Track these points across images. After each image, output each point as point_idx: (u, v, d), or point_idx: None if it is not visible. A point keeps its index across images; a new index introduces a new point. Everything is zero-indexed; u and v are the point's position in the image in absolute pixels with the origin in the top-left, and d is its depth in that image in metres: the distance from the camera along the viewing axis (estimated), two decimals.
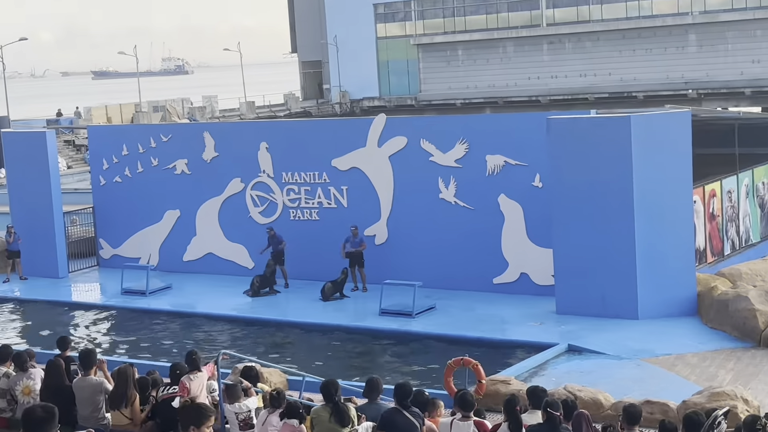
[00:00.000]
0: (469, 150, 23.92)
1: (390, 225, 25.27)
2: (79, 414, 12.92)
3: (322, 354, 20.85)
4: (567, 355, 19.07)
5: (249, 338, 22.23)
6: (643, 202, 20.81)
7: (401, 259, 24.93)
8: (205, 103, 75.31)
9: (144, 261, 28.28)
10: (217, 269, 27.59)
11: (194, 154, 27.80)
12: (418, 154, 24.59)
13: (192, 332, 22.90)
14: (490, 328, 21.03)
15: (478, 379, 15.81)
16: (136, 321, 24.11)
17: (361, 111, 73.67)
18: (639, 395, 15.63)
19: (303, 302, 24.32)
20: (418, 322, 21.91)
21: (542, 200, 22.64)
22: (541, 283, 23.18)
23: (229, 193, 27.46)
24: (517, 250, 23.56)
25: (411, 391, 10.34)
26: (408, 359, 20.19)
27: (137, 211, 28.79)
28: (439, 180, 24.36)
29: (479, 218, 23.94)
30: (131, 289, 26.10)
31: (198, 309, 24.46)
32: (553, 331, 20.48)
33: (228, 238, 27.66)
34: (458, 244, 24.28)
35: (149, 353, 21.32)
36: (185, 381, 12.43)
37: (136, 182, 28.77)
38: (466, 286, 24.01)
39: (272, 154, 26.69)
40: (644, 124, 21.08)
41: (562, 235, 21.45)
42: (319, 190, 26.14)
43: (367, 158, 25.33)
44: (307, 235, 26.19)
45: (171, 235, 28.47)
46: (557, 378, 17.37)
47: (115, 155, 29.08)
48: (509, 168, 23.48)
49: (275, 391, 12.15)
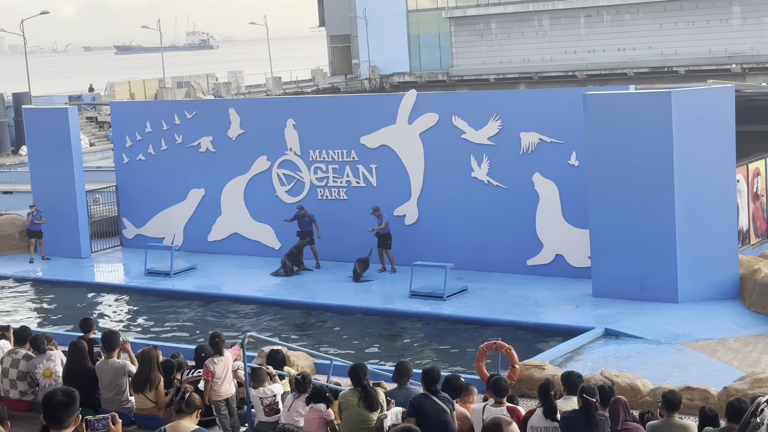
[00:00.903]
0: (503, 127, 23.82)
1: (420, 205, 25.24)
2: (102, 397, 13.05)
3: (350, 337, 20.89)
4: (604, 340, 19.01)
5: (276, 321, 22.30)
6: (684, 181, 20.64)
7: (432, 240, 24.90)
8: (231, 78, 75.52)
9: (168, 241, 28.43)
10: (242, 250, 27.69)
11: (219, 132, 27.86)
12: (449, 132, 24.53)
13: (217, 314, 23.01)
14: (523, 312, 21.00)
15: (511, 364, 15.79)
16: (160, 303, 24.26)
17: (390, 87, 73.55)
18: (678, 381, 15.57)
19: (331, 284, 24.39)
20: (450, 305, 21.90)
21: (578, 179, 22.52)
22: (577, 265, 23.10)
23: (255, 172, 27.52)
24: (552, 231, 23.47)
25: (439, 375, 10.34)
26: (439, 343, 20.21)
27: (161, 190, 28.92)
28: (471, 158, 24.29)
29: (513, 198, 23.86)
30: (155, 270, 26.26)
31: (223, 290, 24.57)
32: (589, 315, 20.41)
33: (254, 217, 27.72)
34: (491, 225, 24.22)
35: (173, 336, 21.46)
36: (209, 364, 12.52)
37: (160, 160, 28.89)
38: (499, 268, 23.97)
39: (299, 131, 26.70)
40: (685, 100, 20.88)
41: (599, 215, 21.34)
42: (347, 168, 26.15)
43: (397, 136, 25.29)
44: (335, 215, 26.21)
45: (195, 214, 28.57)
46: (593, 363, 17.33)
47: (138, 132, 29.21)
48: (544, 146, 23.36)
49: (300, 376, 12.19)
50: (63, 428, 6.92)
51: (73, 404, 6.98)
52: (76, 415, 7.01)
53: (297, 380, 12.07)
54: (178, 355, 14.23)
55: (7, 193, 41.60)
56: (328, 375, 15.07)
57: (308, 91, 70.73)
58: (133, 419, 12.82)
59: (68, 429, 6.96)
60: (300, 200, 26.67)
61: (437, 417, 9.76)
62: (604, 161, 21.08)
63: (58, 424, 6.91)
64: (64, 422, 6.93)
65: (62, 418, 6.92)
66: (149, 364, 12.77)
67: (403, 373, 11.19)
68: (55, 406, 6.94)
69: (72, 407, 6.97)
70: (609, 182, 21.06)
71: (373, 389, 10.92)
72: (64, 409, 6.94)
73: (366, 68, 76.23)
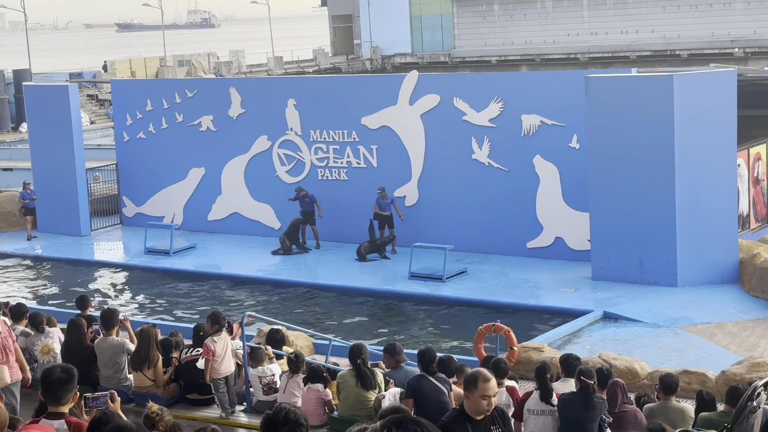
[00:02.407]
0: (504, 109, 23.79)
1: (421, 186, 25.25)
2: (101, 374, 13.09)
3: (350, 318, 20.96)
4: (602, 323, 19.07)
5: (275, 301, 22.36)
6: (685, 164, 20.62)
7: (432, 222, 24.92)
8: (232, 57, 75.30)
9: (168, 220, 28.43)
10: (242, 229, 27.73)
11: (220, 111, 27.85)
12: (450, 113, 24.51)
13: (216, 293, 23.07)
14: (523, 294, 21.05)
15: (509, 346, 15.83)
16: (160, 281, 24.30)
17: (392, 67, 73.34)
18: (676, 365, 15.60)
19: (331, 264, 24.42)
20: (449, 286, 21.93)
21: (579, 162, 22.51)
22: (577, 248, 23.13)
23: (256, 152, 27.51)
24: (552, 214, 23.49)
25: (435, 356, 10.36)
26: (438, 325, 20.26)
27: (161, 169, 28.93)
28: (472, 140, 24.27)
29: (513, 180, 23.87)
30: (155, 249, 26.30)
31: (223, 270, 24.63)
32: (588, 298, 20.46)
33: (254, 197, 27.74)
34: (491, 207, 24.23)
35: (172, 314, 21.51)
36: (209, 343, 12.54)
37: (161, 139, 28.88)
38: (498, 250, 24.00)
39: (300, 111, 26.67)
40: (688, 84, 20.85)
41: (600, 198, 21.34)
42: (348, 149, 26.14)
43: (398, 117, 25.28)
44: (335, 195, 26.21)
45: (195, 193, 28.59)
46: (591, 346, 17.39)
47: (139, 110, 29.19)
48: (545, 128, 23.34)
49: (293, 354, 12.21)
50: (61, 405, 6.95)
51: (72, 381, 7.01)
52: (75, 392, 7.03)
53: (290, 359, 12.10)
54: (177, 334, 14.27)
55: (7, 170, 41.58)
56: (327, 355, 15.10)
57: (310, 71, 70.55)
58: (131, 397, 12.87)
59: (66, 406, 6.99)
60: (300, 181, 26.67)
61: (435, 398, 9.79)
62: (605, 144, 21.06)
63: (57, 401, 6.94)
64: (62, 399, 6.95)
65: (60, 395, 6.94)
66: (148, 342, 12.81)
67: (391, 352, 11.22)
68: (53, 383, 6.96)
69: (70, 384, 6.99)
70: (609, 165, 21.05)
71: (368, 368, 10.94)
72: (63, 385, 6.97)
73: (368, 49, 76.00)
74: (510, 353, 15.70)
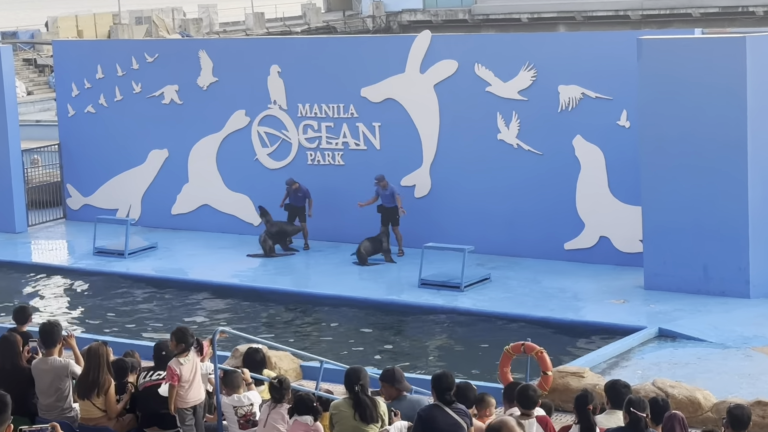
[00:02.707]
0: (537, 78, 23.86)
1: (434, 173, 25.32)
2: (40, 403, 13.07)
3: (346, 335, 21.05)
4: (657, 342, 19.14)
5: (254, 313, 22.45)
6: (760, 147, 20.66)
7: (448, 217, 25.00)
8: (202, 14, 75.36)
9: (123, 213, 28.50)
10: (214, 225, 27.81)
11: (187, 79, 27.88)
12: (471, 83, 24.56)
13: (182, 304, 23.14)
14: (559, 306, 21.13)
15: (542, 370, 15.88)
16: (112, 289, 24.34)
17: (399, 27, 73.48)
18: (748, 394, 15.63)
19: (323, 269, 24.53)
20: (468, 296, 22.02)
21: (629, 144, 22.55)
22: (626, 250, 23.20)
23: (231, 130, 27.58)
24: (595, 208, 23.56)
25: (453, 383, 10.38)
26: (454, 344, 20.36)
27: (114, 151, 28.96)
28: (497, 116, 24.33)
29: (548, 166, 23.93)
30: (106, 249, 26.33)
31: (190, 275, 24.73)
32: (639, 312, 20.54)
33: (228, 186, 27.83)
34: (521, 199, 24.30)
35: (128, 330, 21.57)
36: (174, 365, 12.52)
37: (114, 113, 28.90)
38: (529, 252, 24.09)
39: (286, 80, 26.73)
40: (763, 48, 20.88)
41: (655, 188, 21.38)
42: (344, 127, 26.20)
43: (406, 87, 25.32)
44: (328, 184, 26.29)
45: (157, 181, 28.66)
46: (644, 371, 17.48)
47: (87, 79, 29.20)
48: (588, 102, 23.40)
49: (277, 380, 12.25)
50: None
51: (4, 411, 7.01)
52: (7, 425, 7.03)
53: (272, 385, 12.14)
54: (133, 354, 14.27)
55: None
56: (318, 380, 15.16)
57: (297, 31, 70.68)
58: (77, 430, 12.86)
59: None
60: (285, 166, 26.75)
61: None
62: (662, 122, 21.09)
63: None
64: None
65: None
66: (97, 363, 12.80)
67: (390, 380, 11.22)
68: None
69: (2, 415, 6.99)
70: (667, 147, 21.08)
71: (369, 397, 10.96)
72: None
73: (369, 4, 76.09)
74: (543, 379, 15.75)
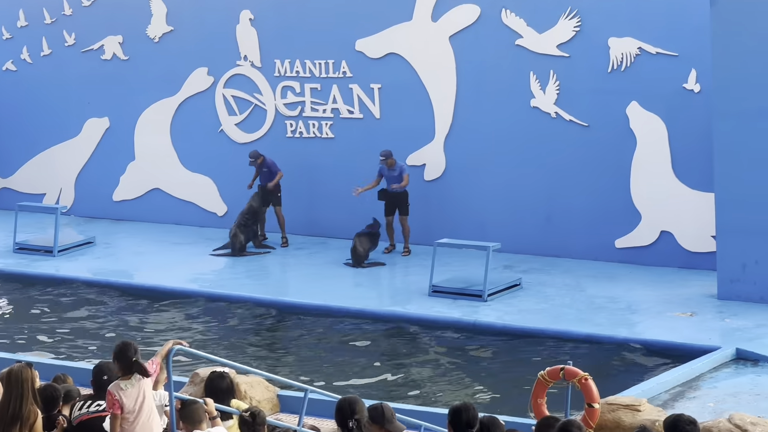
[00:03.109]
0: (581, 29, 23.98)
1: (449, 149, 25.48)
2: None
3: (336, 356, 21.01)
4: (734, 367, 19.04)
5: (220, 328, 22.50)
6: None
7: (466, 205, 25.22)
8: None
9: (51, 200, 28.73)
10: (167, 215, 28.08)
11: (133, 29, 28.04)
12: (497, 35, 24.65)
13: (127, 315, 23.21)
14: (608, 321, 21.14)
15: (587, 402, 15.68)
16: (38, 295, 24.40)
17: None
18: None
19: (308, 271, 24.70)
20: (492, 307, 22.05)
21: (699, 114, 22.67)
22: (694, 249, 23.36)
23: (189, 93, 27.82)
24: (655, 195, 23.67)
25: (475, 417, 10.59)
26: (474, 367, 20.32)
27: (41, 119, 29.18)
28: (531, 77, 24.52)
29: (595, 141, 24.04)
30: (29, 245, 26.54)
31: (136, 279, 24.86)
32: (711, 328, 20.56)
33: (185, 165, 28.10)
34: (560, 183, 24.49)
35: (58, 348, 21.52)
36: (114, 390, 12.47)
37: (40, 71, 29.13)
38: (570, 251, 24.31)
39: (259, 29, 26.88)
40: None
41: (731, 170, 21.37)
42: (334, 89, 26.36)
43: (413, 39, 25.45)
44: (313, 162, 26.52)
45: (94, 158, 28.91)
46: (717, 403, 17.38)
47: (5, 27, 29.42)
48: (646, 59, 23.51)
49: (249, 413, 12.40)
50: None
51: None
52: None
53: (243, 420, 12.24)
54: (66, 378, 14.15)
55: None
56: (301, 414, 15.18)
57: None
58: None
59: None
60: (258, 140, 27.02)
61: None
62: (742, 87, 21.08)
63: None
64: None
65: None
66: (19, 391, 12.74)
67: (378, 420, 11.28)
68: None
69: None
70: (748, 120, 21.10)
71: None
72: None
73: None
74: (588, 413, 15.57)
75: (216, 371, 14.84)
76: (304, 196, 26.42)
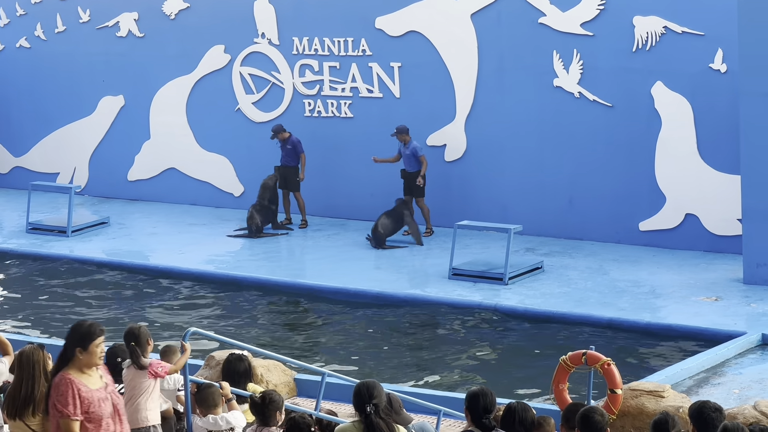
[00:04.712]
0: (606, 7, 23.90)
1: (470, 130, 25.43)
2: None
3: (355, 340, 21.08)
4: (760, 352, 19.08)
5: (236, 311, 22.51)
6: None
7: (487, 187, 25.19)
8: None
9: (65, 179, 28.71)
10: (183, 195, 28.11)
11: (149, 5, 28.02)
12: (519, 13, 24.61)
13: (142, 297, 23.25)
14: (631, 305, 21.15)
15: (610, 388, 15.80)
16: (51, 276, 24.49)
17: None
18: None
19: (327, 253, 24.70)
20: (513, 291, 22.08)
21: (726, 94, 22.60)
22: (719, 232, 23.30)
23: (206, 71, 27.77)
24: (680, 177, 23.62)
25: (492, 402, 10.46)
26: (495, 352, 20.34)
27: (55, 97, 29.16)
28: (554, 56, 24.43)
29: (619, 121, 24.01)
30: (43, 225, 26.59)
31: (151, 260, 24.93)
32: (737, 313, 20.56)
33: (201, 144, 28.05)
34: (583, 165, 24.42)
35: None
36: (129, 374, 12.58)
37: (54, 49, 29.09)
38: (593, 234, 24.28)
39: (277, 6, 26.85)
40: None
41: (758, 153, 21.32)
42: (353, 68, 26.33)
43: (434, 17, 25.40)
44: (332, 142, 26.49)
45: (109, 137, 28.89)
46: (742, 389, 17.42)
47: (19, 3, 29.36)
48: (672, 39, 23.43)
49: (261, 396, 12.25)
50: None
51: None
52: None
53: (253, 402, 12.11)
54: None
55: None
56: (318, 398, 15.18)
57: None
58: None
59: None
60: (276, 118, 26.91)
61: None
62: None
63: None
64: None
65: None
66: (32, 373, 12.82)
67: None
68: None
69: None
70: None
71: (383, 420, 10.96)
72: None
73: None
74: (610, 399, 15.70)
75: (234, 353, 15.00)
76: (322, 177, 26.33)
